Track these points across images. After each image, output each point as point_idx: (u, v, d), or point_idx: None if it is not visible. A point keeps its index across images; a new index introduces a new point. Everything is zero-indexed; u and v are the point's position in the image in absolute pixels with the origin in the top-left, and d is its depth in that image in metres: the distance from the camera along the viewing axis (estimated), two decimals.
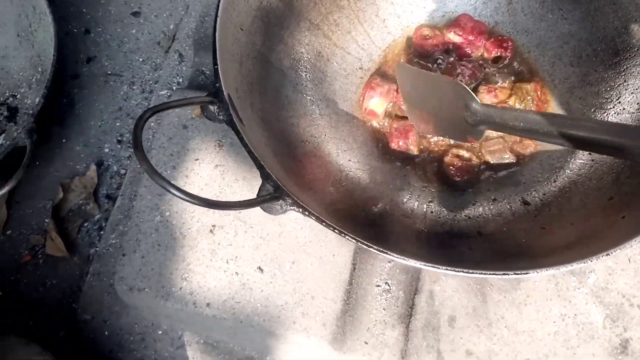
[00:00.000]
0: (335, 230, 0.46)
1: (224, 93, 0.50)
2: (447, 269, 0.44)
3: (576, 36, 0.65)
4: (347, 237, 0.46)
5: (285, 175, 0.53)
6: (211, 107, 0.49)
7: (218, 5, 0.53)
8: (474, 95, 0.53)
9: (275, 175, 0.48)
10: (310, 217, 0.46)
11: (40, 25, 0.75)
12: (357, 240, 0.45)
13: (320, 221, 0.46)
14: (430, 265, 0.44)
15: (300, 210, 0.46)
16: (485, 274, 0.45)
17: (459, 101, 0.54)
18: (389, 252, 0.44)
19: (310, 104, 0.66)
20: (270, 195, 0.46)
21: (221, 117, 0.49)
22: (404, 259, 0.44)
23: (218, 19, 0.52)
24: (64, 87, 0.81)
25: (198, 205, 0.40)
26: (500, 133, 0.64)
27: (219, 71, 0.50)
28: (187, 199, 0.39)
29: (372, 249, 0.45)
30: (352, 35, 0.70)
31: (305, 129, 0.64)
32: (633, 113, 0.60)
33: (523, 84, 0.66)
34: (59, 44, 0.72)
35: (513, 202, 0.61)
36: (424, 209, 0.61)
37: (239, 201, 0.44)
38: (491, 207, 0.61)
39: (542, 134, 0.48)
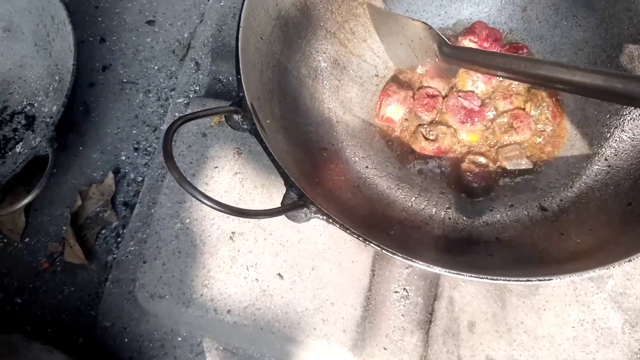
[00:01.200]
0: (360, 238, 0.46)
1: (248, 102, 0.50)
2: (471, 276, 0.45)
3: (591, 43, 0.66)
4: (371, 244, 0.46)
5: (307, 183, 0.53)
6: (235, 117, 0.50)
7: (240, 16, 0.54)
8: (443, 37, 0.61)
9: (297, 183, 0.48)
10: (335, 225, 0.47)
11: (59, 34, 0.76)
12: (382, 248, 0.46)
13: (345, 229, 0.47)
14: (455, 272, 0.45)
15: (325, 217, 0.47)
16: (509, 280, 0.45)
17: (428, 40, 0.62)
18: (415, 260, 0.45)
19: (327, 112, 0.66)
20: (295, 204, 0.47)
21: (245, 126, 0.50)
22: (429, 266, 0.45)
23: (240, 29, 0.53)
24: (81, 95, 0.82)
25: (227, 213, 0.41)
26: (515, 138, 0.64)
27: (242, 81, 0.51)
28: (218, 207, 0.40)
29: (397, 257, 0.45)
30: (367, 43, 0.70)
31: (323, 136, 0.64)
32: None
33: (538, 90, 0.66)
34: (76, 53, 0.73)
35: (530, 208, 0.61)
36: (442, 215, 0.62)
37: (266, 210, 0.44)
38: (509, 213, 0.61)
39: (511, 72, 0.55)
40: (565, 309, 0.58)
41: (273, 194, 0.64)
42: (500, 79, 0.67)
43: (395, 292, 0.61)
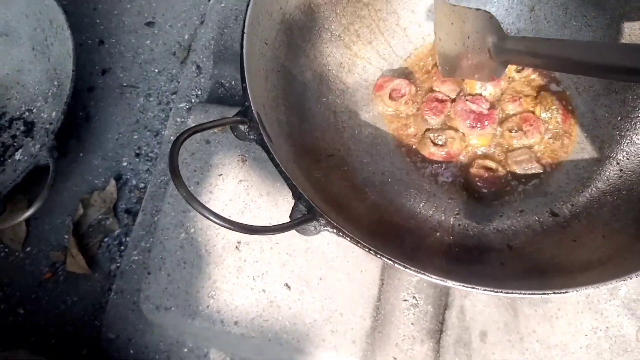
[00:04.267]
0: (371, 251, 0.45)
1: (254, 112, 0.49)
2: (486, 290, 0.44)
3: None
4: (383, 258, 0.45)
5: (314, 193, 0.52)
6: (241, 127, 0.48)
7: (244, 21, 0.52)
8: (501, 26, 0.56)
9: (306, 194, 0.47)
10: (345, 238, 0.46)
11: (57, 38, 0.74)
12: (395, 262, 0.45)
13: (355, 242, 0.46)
14: (469, 286, 0.44)
15: (335, 231, 0.46)
16: (524, 294, 0.44)
17: (485, 33, 0.57)
18: (428, 274, 0.44)
19: (333, 116, 0.65)
20: (304, 217, 0.46)
21: (251, 137, 0.48)
22: (443, 280, 0.44)
23: (245, 35, 0.51)
24: (80, 100, 0.81)
25: (238, 231, 0.40)
26: (525, 142, 0.63)
27: (248, 89, 0.50)
28: (228, 225, 0.39)
29: (409, 270, 0.44)
30: (373, 45, 0.69)
31: (329, 142, 0.63)
32: None
33: (548, 92, 0.65)
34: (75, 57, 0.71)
35: (541, 214, 0.60)
36: (452, 222, 0.61)
37: (276, 225, 0.43)
38: (519, 219, 0.60)
39: (576, 64, 0.48)
40: (578, 317, 0.57)
41: (279, 202, 0.62)
42: (511, 77, 0.66)
43: (405, 300, 0.60)
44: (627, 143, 0.61)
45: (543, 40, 0.60)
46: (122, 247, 0.72)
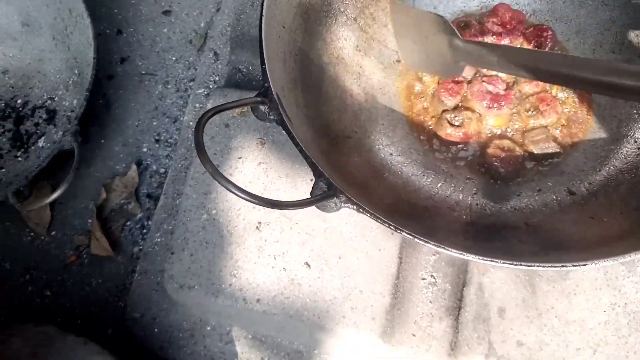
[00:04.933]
0: (391, 227, 0.46)
1: (273, 93, 0.50)
2: (505, 263, 0.44)
3: (618, 22, 0.65)
4: (402, 232, 0.46)
5: (333, 172, 0.53)
6: (261, 107, 0.49)
7: (262, 4, 0.53)
8: (455, 30, 0.61)
9: (325, 172, 0.48)
10: (365, 214, 0.47)
11: (77, 27, 0.75)
12: (413, 236, 0.46)
13: (375, 217, 0.46)
14: (488, 259, 0.44)
15: (355, 207, 0.47)
16: (543, 266, 0.45)
17: (442, 37, 0.62)
18: (448, 248, 0.45)
19: (350, 99, 0.66)
20: (325, 194, 0.47)
21: (272, 117, 0.49)
22: (462, 254, 0.44)
23: (263, 18, 0.52)
24: (100, 87, 0.82)
25: (260, 205, 0.41)
26: (542, 122, 0.63)
27: (267, 71, 0.50)
28: (252, 200, 0.40)
29: (429, 245, 0.45)
30: (388, 28, 0.69)
31: (346, 124, 0.64)
32: None
33: None
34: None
35: (558, 193, 0.61)
36: (469, 201, 0.61)
37: (298, 200, 0.44)
38: (536, 198, 0.61)
39: (522, 68, 0.55)
40: (596, 293, 0.57)
41: (297, 183, 0.64)
42: None
43: (423, 279, 0.61)
44: None
45: (492, 45, 0.64)
46: (145, 230, 0.74)
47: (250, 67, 0.73)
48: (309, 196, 0.47)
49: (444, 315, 0.59)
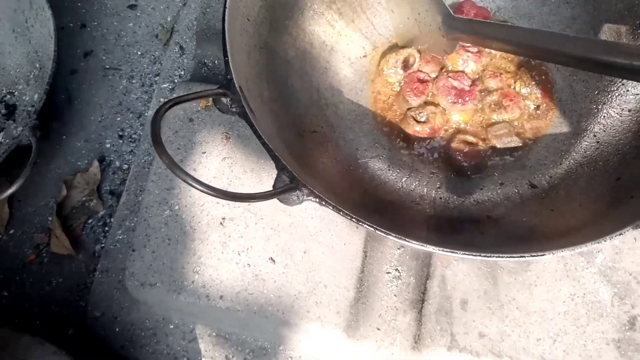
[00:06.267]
0: (353, 219, 0.46)
1: (236, 85, 0.49)
2: (464, 254, 0.45)
3: (579, 19, 0.66)
4: (364, 225, 0.46)
5: (297, 166, 0.53)
6: (223, 100, 0.49)
7: None
8: (448, 8, 0.60)
9: (289, 166, 0.48)
10: (327, 207, 0.46)
11: (37, 20, 0.73)
12: (375, 229, 0.46)
13: (337, 210, 0.46)
14: (448, 250, 0.45)
15: (317, 200, 0.46)
16: (501, 257, 0.45)
17: (435, 14, 0.61)
18: (408, 240, 0.45)
19: (316, 94, 0.66)
20: (287, 186, 0.46)
21: (234, 109, 0.49)
22: (422, 245, 0.45)
23: (227, 10, 0.52)
24: (62, 82, 0.80)
25: (220, 198, 0.40)
26: (505, 117, 0.64)
27: (230, 63, 0.50)
28: (210, 192, 0.39)
29: (390, 237, 0.45)
30: (355, 24, 0.69)
31: (312, 119, 0.64)
32: (637, 94, 0.61)
33: (527, 68, 0.66)
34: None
35: (520, 186, 0.62)
36: (433, 195, 0.62)
37: (259, 193, 0.44)
38: (499, 191, 0.62)
39: (519, 47, 0.54)
40: (556, 284, 0.58)
41: (263, 178, 0.63)
42: (491, 53, 0.67)
43: (388, 272, 0.61)
44: (604, 116, 0.63)
45: (486, 23, 0.64)
46: (107, 228, 0.72)
47: (216, 61, 0.72)
48: (271, 189, 0.47)
49: (408, 308, 0.59)
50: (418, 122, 0.65)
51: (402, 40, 0.69)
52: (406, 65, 0.67)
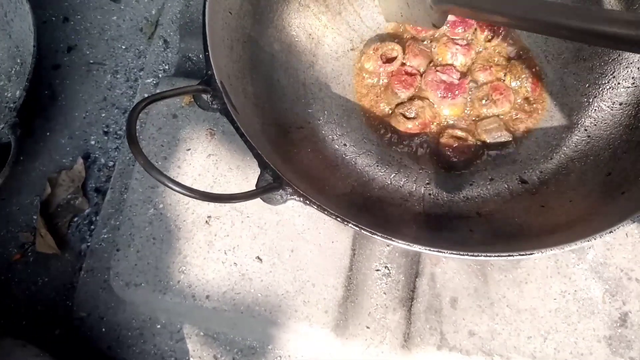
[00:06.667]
0: (338, 219, 0.45)
1: (217, 81, 0.48)
2: (452, 253, 0.44)
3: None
4: (349, 224, 0.45)
5: (282, 164, 0.52)
6: (204, 96, 0.47)
7: None
8: None
9: (272, 164, 0.47)
10: (312, 206, 0.45)
11: (17, 14, 0.72)
12: (361, 228, 0.45)
13: (322, 209, 0.45)
14: (435, 249, 0.44)
15: (301, 199, 0.45)
16: (489, 256, 0.44)
17: None
18: (392, 238, 0.44)
19: (303, 88, 0.64)
20: (270, 185, 0.45)
21: (215, 106, 0.47)
22: (409, 245, 0.44)
23: (207, 2, 0.50)
24: (45, 78, 0.79)
25: (198, 199, 0.39)
26: (494, 111, 0.63)
27: (210, 58, 0.48)
28: (188, 193, 0.38)
29: (376, 236, 0.44)
30: (342, 16, 0.68)
31: (298, 114, 0.62)
32: (628, 87, 0.60)
33: (518, 61, 0.65)
34: (37, 34, 0.69)
35: (510, 181, 0.61)
36: (422, 192, 0.61)
37: (239, 193, 0.43)
38: (489, 187, 0.61)
39: (512, 18, 0.49)
40: (547, 281, 0.57)
41: (249, 176, 0.62)
42: (481, 49, 0.66)
43: (377, 270, 0.60)
44: (595, 110, 0.61)
45: None
46: (92, 227, 0.71)
47: (200, 55, 0.71)
48: (254, 188, 0.46)
49: (397, 306, 0.59)
50: (408, 118, 0.63)
51: (389, 17, 0.65)
52: (388, 59, 0.65)
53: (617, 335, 0.56)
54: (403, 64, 0.66)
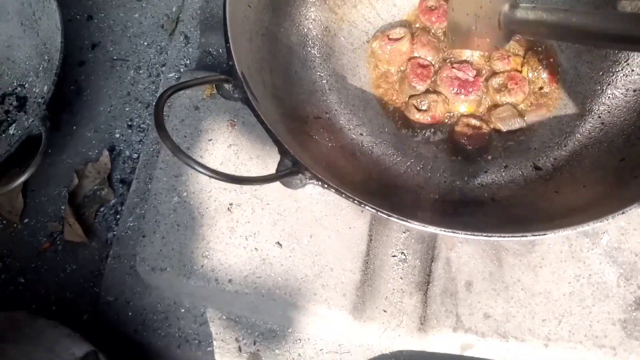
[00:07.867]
0: (355, 201, 0.47)
1: (238, 71, 0.50)
2: (466, 234, 0.45)
3: (582, 0, 0.65)
4: (367, 207, 0.47)
5: (301, 151, 0.54)
6: (226, 86, 0.50)
7: None
8: None
9: (291, 150, 0.48)
10: (330, 189, 0.47)
11: (44, 12, 0.75)
12: (377, 210, 0.46)
13: (340, 193, 0.47)
14: (450, 230, 0.45)
15: (320, 183, 0.47)
16: (503, 237, 0.46)
17: (499, 1, 0.57)
18: (408, 220, 0.45)
19: (320, 80, 0.66)
20: (290, 170, 0.47)
21: (236, 95, 0.49)
22: (423, 226, 0.45)
23: None
24: (71, 74, 0.82)
25: (222, 180, 0.41)
26: (508, 99, 0.64)
27: (231, 49, 0.51)
28: (213, 175, 0.40)
29: (392, 218, 0.46)
30: (358, 9, 0.69)
31: (315, 105, 0.64)
32: None
33: (535, 52, 0.66)
34: (64, 31, 0.72)
35: (524, 168, 0.62)
36: (437, 179, 0.62)
37: (261, 176, 0.45)
38: (503, 174, 0.62)
39: (583, 33, 0.50)
40: (561, 265, 0.58)
41: (269, 164, 0.64)
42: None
43: (393, 256, 0.62)
44: (609, 97, 0.62)
45: (552, 8, 0.60)
46: (118, 216, 0.74)
47: (221, 50, 0.73)
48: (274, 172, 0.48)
49: (414, 290, 0.60)
50: (419, 110, 0.64)
51: (456, 41, 0.65)
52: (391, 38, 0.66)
53: (631, 318, 0.56)
54: (412, 57, 0.66)
